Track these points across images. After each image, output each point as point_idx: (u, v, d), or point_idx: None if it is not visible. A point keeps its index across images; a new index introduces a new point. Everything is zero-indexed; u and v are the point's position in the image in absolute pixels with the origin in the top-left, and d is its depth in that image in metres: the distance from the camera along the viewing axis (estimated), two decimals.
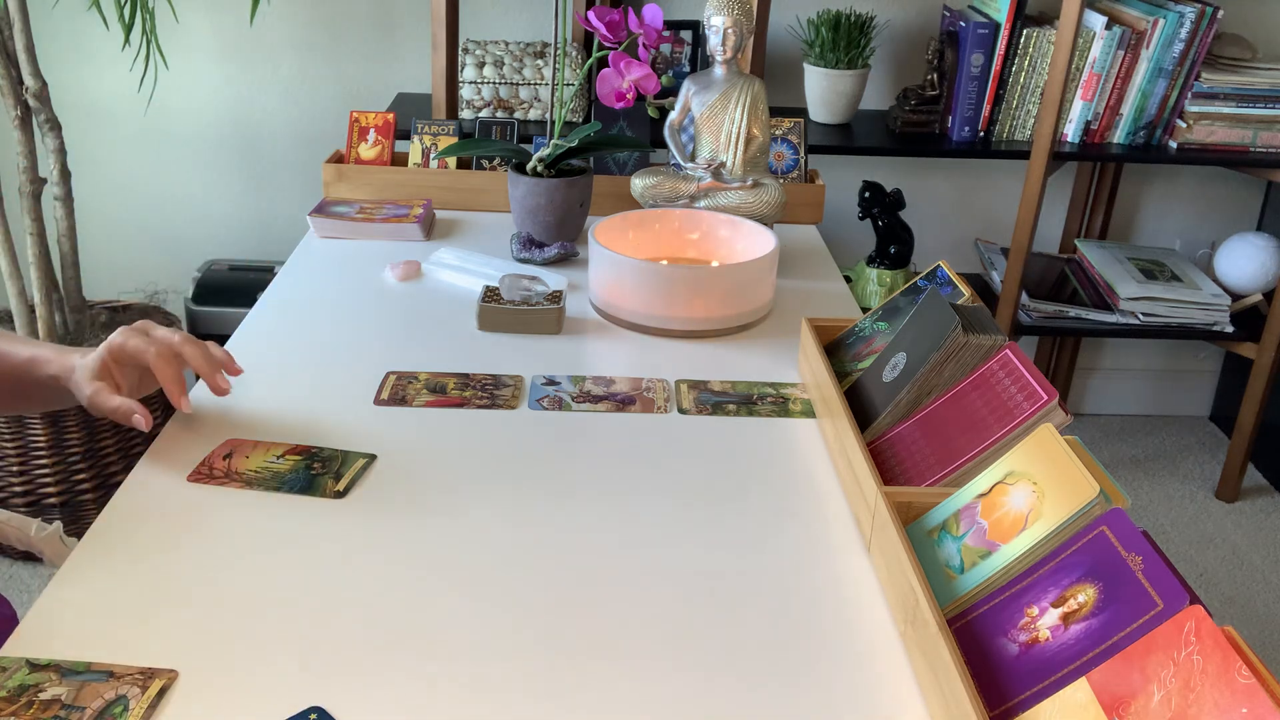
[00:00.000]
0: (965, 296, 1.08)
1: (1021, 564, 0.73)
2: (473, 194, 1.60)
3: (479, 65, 2.24)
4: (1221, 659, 0.56)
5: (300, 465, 0.95)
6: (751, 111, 1.41)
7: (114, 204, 2.54)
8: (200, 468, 0.95)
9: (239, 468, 0.94)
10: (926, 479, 0.89)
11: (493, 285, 1.28)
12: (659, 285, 1.22)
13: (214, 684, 0.71)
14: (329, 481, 0.92)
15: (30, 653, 0.73)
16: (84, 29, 2.36)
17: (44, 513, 2.02)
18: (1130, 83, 2.19)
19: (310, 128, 2.48)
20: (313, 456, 0.96)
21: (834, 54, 2.26)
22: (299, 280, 1.36)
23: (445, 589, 0.81)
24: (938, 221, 2.62)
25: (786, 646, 0.77)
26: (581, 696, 0.71)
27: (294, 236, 2.54)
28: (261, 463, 0.95)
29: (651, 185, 1.43)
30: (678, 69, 2.37)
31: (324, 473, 0.94)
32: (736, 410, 1.09)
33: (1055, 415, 0.84)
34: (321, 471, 0.94)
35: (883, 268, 2.34)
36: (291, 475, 0.93)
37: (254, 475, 0.93)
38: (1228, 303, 2.30)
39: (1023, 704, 0.65)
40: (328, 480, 0.93)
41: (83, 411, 1.97)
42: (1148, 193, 2.62)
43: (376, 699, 0.70)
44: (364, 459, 0.96)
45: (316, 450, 0.97)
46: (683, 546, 0.88)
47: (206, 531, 0.87)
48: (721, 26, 1.39)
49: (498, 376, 1.13)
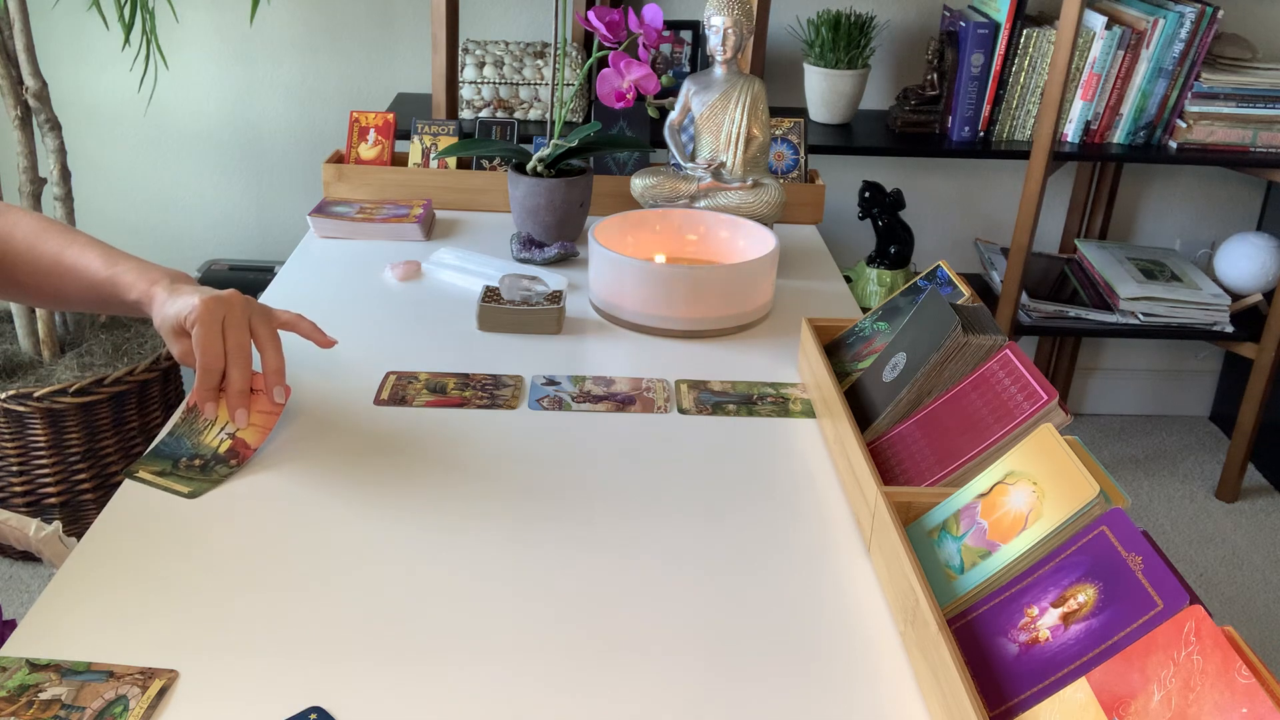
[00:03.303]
0: (965, 296, 1.08)
1: (1021, 564, 0.73)
2: (473, 194, 1.60)
3: (479, 65, 2.24)
4: (1221, 659, 0.56)
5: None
6: (751, 111, 1.41)
7: (114, 204, 2.54)
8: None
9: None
10: (926, 479, 0.89)
11: (493, 285, 1.28)
12: (659, 285, 1.22)
13: (214, 684, 0.71)
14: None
15: (30, 653, 0.73)
16: (84, 29, 2.36)
17: (44, 513, 2.02)
18: (1130, 83, 2.19)
19: (310, 128, 2.48)
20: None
21: (834, 54, 2.26)
22: (299, 280, 1.36)
23: (445, 589, 0.81)
24: (938, 221, 2.62)
25: (786, 646, 0.77)
26: (580, 694, 0.72)
27: (294, 236, 2.54)
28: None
29: (651, 185, 1.43)
30: (678, 69, 2.37)
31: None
32: (736, 410, 1.09)
33: (1055, 415, 0.84)
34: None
35: (883, 268, 2.34)
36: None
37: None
38: (1228, 303, 2.30)
39: (1023, 704, 0.65)
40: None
41: (83, 411, 1.97)
42: (1148, 193, 2.62)
43: (376, 699, 0.70)
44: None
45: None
46: (682, 546, 0.88)
47: (207, 531, 0.87)
48: (721, 26, 1.39)
49: (498, 376, 1.13)
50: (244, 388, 0.95)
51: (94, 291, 1.00)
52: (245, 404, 0.95)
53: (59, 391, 1.92)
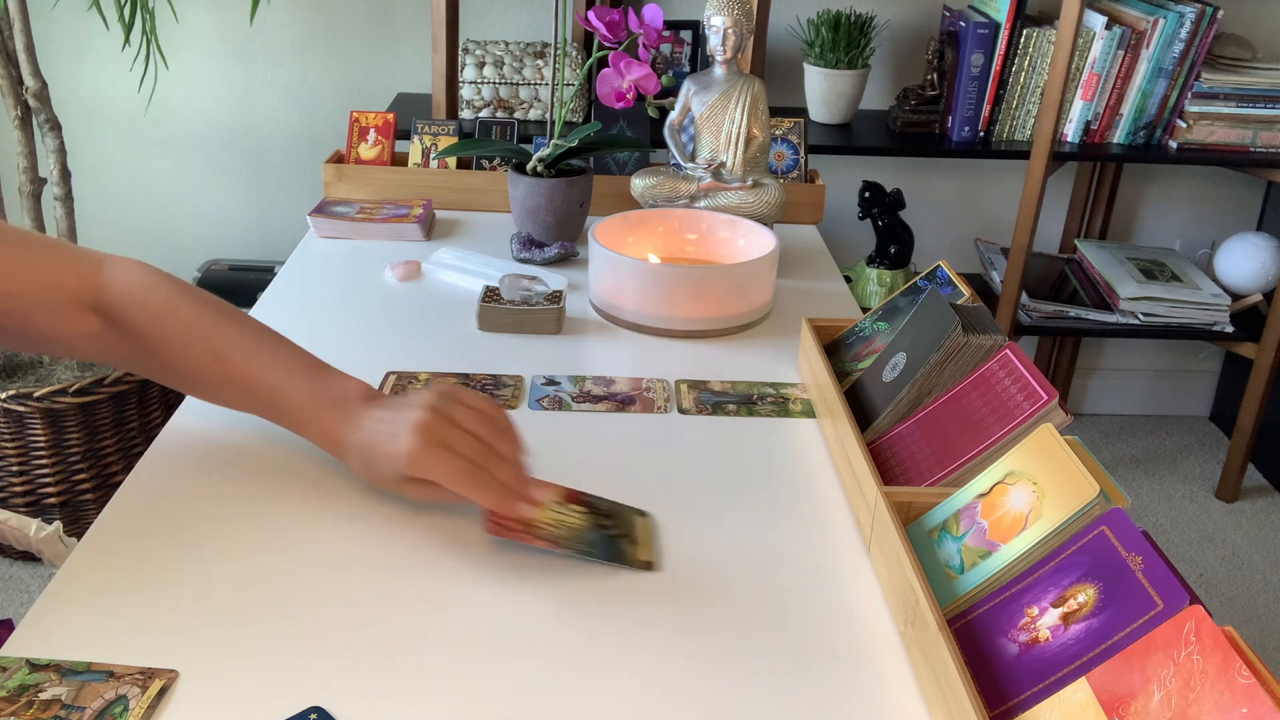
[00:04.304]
0: (965, 296, 1.08)
1: (1021, 564, 0.73)
2: (473, 194, 1.60)
3: (479, 65, 2.24)
4: (1221, 659, 0.56)
5: (592, 523, 0.86)
6: (751, 111, 1.41)
7: (114, 204, 2.54)
8: (491, 515, 0.82)
9: (536, 517, 0.83)
10: (926, 479, 0.89)
11: (493, 285, 1.28)
12: (659, 285, 1.22)
13: (214, 684, 0.71)
14: (630, 548, 0.84)
15: (30, 653, 0.73)
16: (84, 29, 2.36)
17: (44, 513, 2.02)
18: (1130, 83, 2.19)
19: (310, 128, 2.48)
20: (595, 510, 0.87)
21: (834, 54, 2.26)
22: (299, 280, 1.36)
23: (445, 588, 0.81)
24: (938, 221, 2.62)
25: (786, 646, 0.77)
26: (580, 695, 0.71)
27: (294, 236, 2.54)
28: (553, 515, 0.83)
29: (651, 185, 1.43)
30: (678, 69, 2.37)
31: (616, 532, 0.85)
32: (736, 410, 1.09)
33: (1055, 415, 0.84)
34: (614, 531, 0.85)
35: (883, 268, 2.34)
36: (592, 536, 0.83)
37: (554, 531, 0.82)
38: (1228, 303, 2.30)
39: (1023, 704, 0.65)
40: (627, 545, 0.84)
41: (83, 411, 1.97)
42: (1148, 193, 2.62)
43: (376, 699, 0.70)
44: (639, 516, 0.88)
45: (592, 500, 0.88)
46: (682, 546, 0.88)
47: (207, 531, 0.87)
48: (721, 26, 1.39)
49: (498, 376, 1.13)
50: (520, 478, 0.84)
51: (246, 394, 0.91)
52: (526, 496, 0.83)
53: (59, 391, 1.92)
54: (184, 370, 0.92)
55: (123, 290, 0.90)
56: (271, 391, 0.89)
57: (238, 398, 0.92)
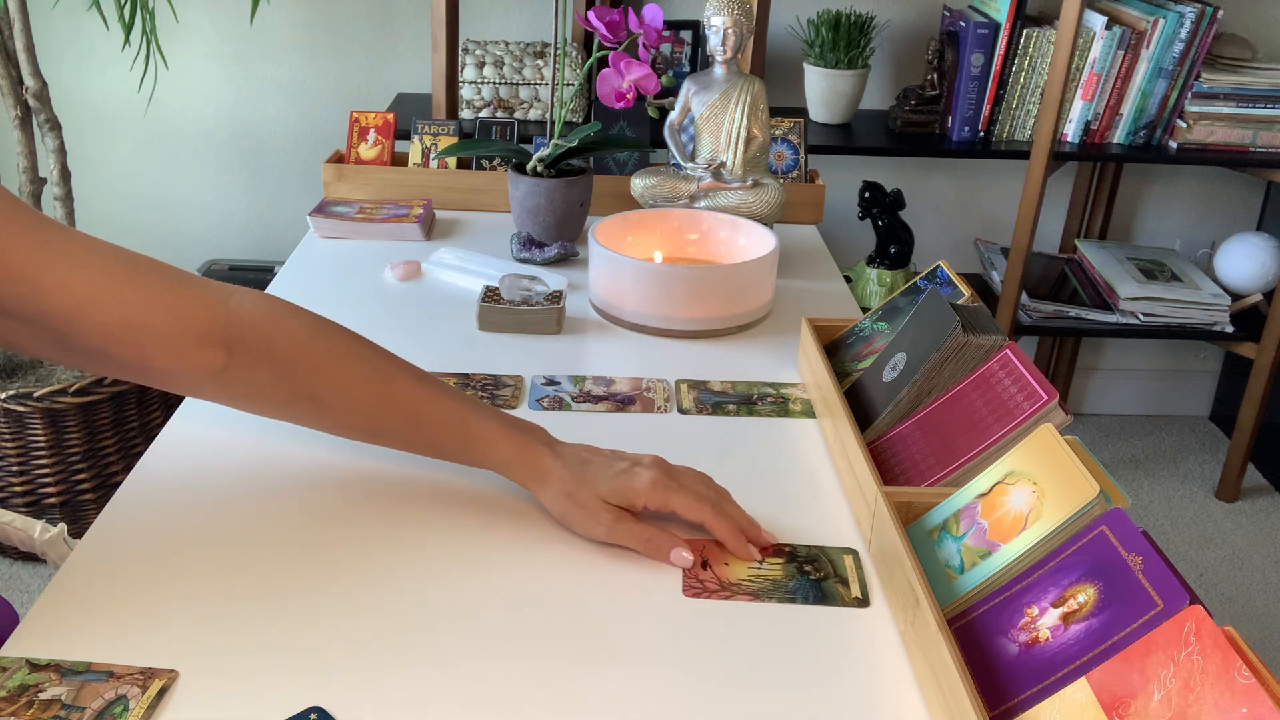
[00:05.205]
0: (965, 296, 1.08)
1: (1021, 564, 0.73)
2: (473, 194, 1.60)
3: (479, 65, 2.24)
4: (1221, 659, 0.56)
5: (793, 571, 0.85)
6: (751, 111, 1.41)
7: (114, 204, 2.54)
8: (690, 581, 0.83)
9: (730, 577, 0.84)
10: (926, 479, 0.89)
11: (493, 285, 1.28)
12: (659, 285, 1.22)
13: (214, 684, 0.71)
14: (840, 588, 0.83)
15: (30, 653, 0.73)
16: (84, 29, 2.36)
17: (44, 512, 2.02)
18: (1130, 83, 2.19)
19: (310, 128, 2.48)
20: (794, 556, 0.87)
21: (834, 54, 2.26)
22: (299, 280, 1.36)
23: (446, 589, 0.81)
24: (938, 221, 2.62)
25: (785, 646, 0.77)
26: (580, 697, 0.71)
27: (294, 236, 2.54)
28: (753, 571, 0.85)
29: (651, 185, 1.43)
30: (678, 69, 2.37)
31: (823, 575, 0.85)
32: (736, 410, 1.09)
33: (1055, 415, 0.84)
34: (819, 575, 0.85)
35: (883, 268, 2.34)
36: (794, 583, 0.83)
37: (755, 586, 0.83)
38: (1228, 303, 2.30)
39: (1023, 704, 0.65)
40: (837, 585, 0.84)
41: (83, 411, 1.97)
42: (1148, 193, 2.62)
43: (376, 699, 0.70)
44: (845, 554, 0.87)
45: (792, 548, 0.88)
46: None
47: (207, 531, 0.87)
48: (721, 26, 1.39)
49: (498, 376, 1.13)
50: (750, 521, 0.87)
51: (437, 440, 0.88)
52: (756, 539, 0.87)
53: (59, 391, 1.92)
54: (333, 399, 0.87)
55: (259, 318, 0.85)
56: (455, 416, 0.87)
57: (401, 426, 0.88)
